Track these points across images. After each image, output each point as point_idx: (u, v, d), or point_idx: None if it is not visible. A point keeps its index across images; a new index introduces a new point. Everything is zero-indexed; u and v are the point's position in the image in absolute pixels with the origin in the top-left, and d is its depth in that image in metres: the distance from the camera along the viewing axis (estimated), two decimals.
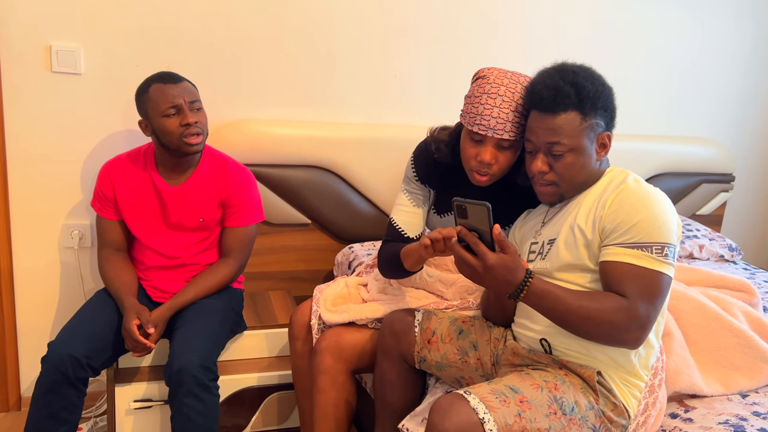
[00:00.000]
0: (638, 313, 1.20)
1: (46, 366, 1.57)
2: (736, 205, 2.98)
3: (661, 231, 1.23)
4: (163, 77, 1.72)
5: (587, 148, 1.31)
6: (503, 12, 2.36)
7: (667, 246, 1.23)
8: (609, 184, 1.33)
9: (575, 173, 1.32)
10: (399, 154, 2.28)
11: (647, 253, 1.22)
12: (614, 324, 1.20)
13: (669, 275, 1.23)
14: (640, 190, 1.27)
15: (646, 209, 1.24)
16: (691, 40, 2.65)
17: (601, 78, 1.34)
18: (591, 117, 1.29)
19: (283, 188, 2.18)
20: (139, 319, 1.65)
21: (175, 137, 1.69)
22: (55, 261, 2.07)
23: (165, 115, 1.68)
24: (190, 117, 1.69)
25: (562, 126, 1.29)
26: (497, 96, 1.38)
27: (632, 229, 1.23)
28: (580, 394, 1.26)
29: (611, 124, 1.35)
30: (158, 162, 1.79)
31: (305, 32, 2.15)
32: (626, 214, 1.25)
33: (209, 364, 1.62)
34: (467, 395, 1.20)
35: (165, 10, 1.98)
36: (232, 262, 1.84)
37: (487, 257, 1.21)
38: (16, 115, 1.92)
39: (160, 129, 1.69)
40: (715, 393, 1.45)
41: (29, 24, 1.87)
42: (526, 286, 1.23)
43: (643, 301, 1.21)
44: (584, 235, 1.30)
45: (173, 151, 1.73)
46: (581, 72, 1.31)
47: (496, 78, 1.41)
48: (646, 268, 1.22)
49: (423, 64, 2.31)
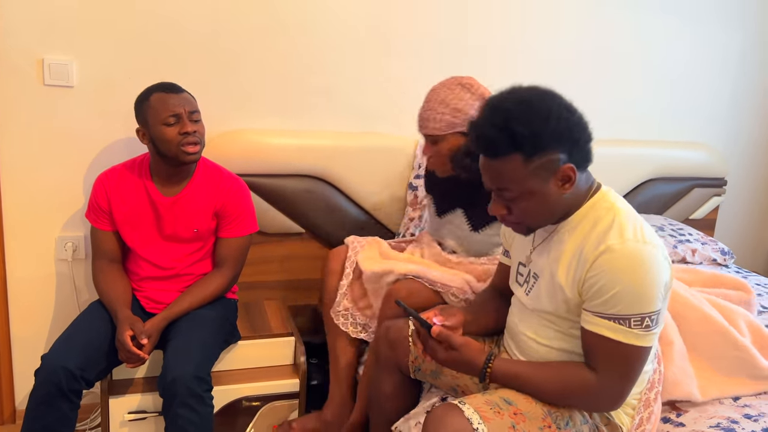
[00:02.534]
0: (606, 390, 1.19)
1: (40, 378, 1.57)
2: (729, 209, 2.99)
3: (642, 301, 1.14)
4: (164, 87, 1.73)
5: (541, 188, 1.19)
6: (496, 23, 2.37)
7: (649, 315, 1.15)
8: (593, 228, 1.21)
9: (535, 214, 1.23)
10: (392, 163, 2.29)
11: (624, 327, 1.15)
12: (583, 401, 1.23)
13: (647, 346, 1.17)
14: (623, 254, 1.14)
15: (627, 277, 1.14)
16: (681, 47, 2.67)
17: (549, 106, 1.17)
18: (539, 156, 1.16)
19: (277, 198, 2.19)
20: (132, 330, 1.64)
21: (173, 145, 1.70)
22: (49, 273, 2.07)
23: (165, 124, 1.69)
24: (189, 126, 1.70)
25: (504, 172, 1.18)
26: (426, 101, 1.72)
27: (611, 299, 1.15)
28: (575, 410, 1.26)
29: (576, 150, 1.19)
30: (153, 172, 1.80)
31: (298, 43, 2.16)
32: (606, 280, 1.15)
33: (203, 375, 1.63)
34: (462, 405, 1.20)
35: (157, 23, 1.99)
36: (225, 272, 1.84)
37: (437, 355, 1.28)
38: (9, 128, 1.93)
39: (158, 137, 1.70)
40: (709, 399, 1.45)
41: (22, 37, 1.88)
42: (487, 374, 1.26)
43: (615, 375, 1.18)
44: (563, 291, 1.24)
45: (170, 160, 1.73)
46: (515, 108, 1.16)
47: (432, 89, 1.72)
48: (621, 342, 1.15)
49: (415, 74, 2.32)
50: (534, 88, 1.21)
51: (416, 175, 2.29)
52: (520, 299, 1.38)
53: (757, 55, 2.83)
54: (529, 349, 1.33)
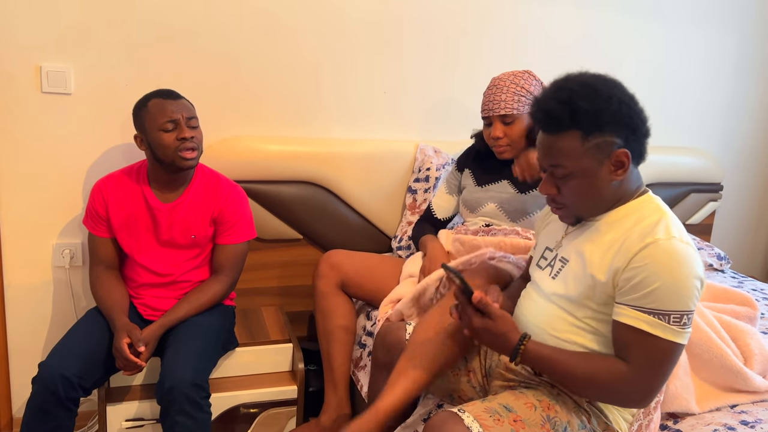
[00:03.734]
0: (638, 383, 1.17)
1: (37, 386, 1.57)
2: (725, 214, 3.00)
3: (682, 298, 1.14)
4: (162, 93, 1.74)
5: (594, 170, 1.20)
6: (492, 27, 2.38)
7: (687, 314, 1.14)
8: (638, 224, 1.20)
9: (583, 197, 1.24)
10: (389, 168, 2.30)
11: (663, 322, 1.14)
12: (611, 392, 1.20)
13: (682, 343, 1.16)
14: (669, 250, 1.14)
15: (671, 274, 1.13)
16: (676, 52, 2.69)
17: (612, 91, 1.20)
18: (597, 135, 1.18)
19: (275, 204, 2.19)
20: (129, 337, 1.64)
21: (171, 151, 1.70)
22: (46, 280, 2.07)
23: (162, 129, 1.70)
24: (186, 132, 1.71)
25: (561, 147, 1.20)
26: (493, 86, 1.84)
27: (651, 294, 1.14)
28: (573, 414, 1.26)
29: (633, 139, 1.21)
30: (151, 178, 1.80)
31: (296, 49, 2.17)
32: (648, 275, 1.14)
33: (201, 382, 1.62)
34: (461, 413, 1.19)
35: (154, 30, 2.00)
36: (223, 279, 1.84)
37: (472, 322, 1.25)
38: (6, 136, 1.93)
39: (156, 142, 1.71)
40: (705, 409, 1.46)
41: (19, 45, 1.88)
42: (519, 352, 1.23)
43: (648, 370, 1.16)
44: (594, 278, 1.22)
45: (167, 166, 1.74)
46: (579, 89, 1.20)
47: (495, 78, 1.86)
48: (659, 337, 1.14)
49: (412, 80, 2.34)
50: (599, 75, 1.24)
51: (416, 178, 2.29)
52: (540, 284, 1.36)
53: (753, 60, 2.84)
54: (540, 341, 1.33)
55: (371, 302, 1.99)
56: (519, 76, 1.84)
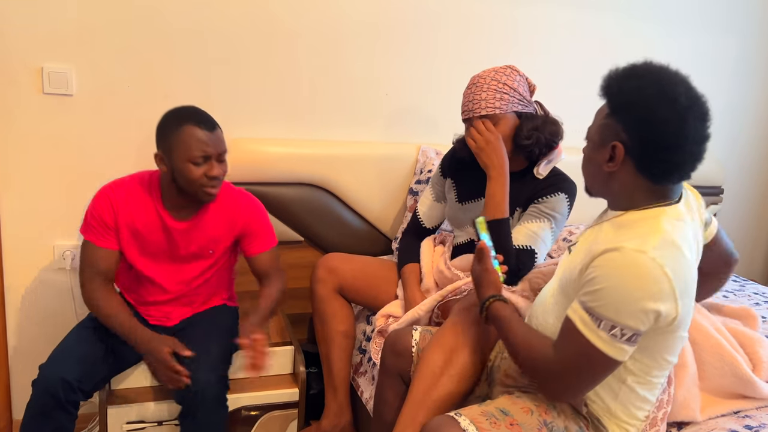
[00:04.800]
0: (556, 375, 1.18)
1: (37, 389, 1.55)
2: (726, 217, 3.00)
3: (621, 311, 1.09)
4: (199, 119, 1.59)
5: (595, 146, 1.22)
6: (493, 29, 2.38)
7: (621, 327, 1.10)
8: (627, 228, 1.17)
9: (584, 167, 1.28)
10: (390, 171, 2.29)
11: (594, 324, 1.11)
12: (536, 373, 1.23)
13: (610, 356, 1.12)
14: (626, 259, 1.10)
15: (618, 281, 1.09)
16: (677, 54, 2.69)
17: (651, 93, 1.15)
18: (613, 117, 1.18)
19: (276, 206, 2.18)
20: (171, 346, 1.59)
21: (196, 185, 1.60)
22: (47, 282, 2.06)
23: (192, 162, 1.58)
24: (216, 169, 1.60)
25: (597, 112, 1.26)
26: (473, 85, 1.73)
27: (595, 293, 1.12)
28: (571, 420, 1.26)
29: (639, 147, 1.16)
30: (165, 195, 1.69)
31: (297, 51, 2.16)
32: (599, 274, 1.12)
33: (224, 381, 1.66)
34: (458, 417, 1.20)
35: (156, 32, 1.99)
36: (277, 277, 1.82)
37: (473, 264, 1.41)
38: (8, 137, 1.92)
39: (181, 172, 1.59)
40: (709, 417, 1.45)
41: (20, 46, 1.87)
42: (485, 307, 1.34)
43: (568, 366, 1.16)
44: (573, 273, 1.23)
45: (185, 194, 1.65)
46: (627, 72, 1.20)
47: (475, 76, 1.75)
48: (585, 337, 1.12)
49: (414, 83, 2.33)
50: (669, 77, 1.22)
51: (417, 180, 2.29)
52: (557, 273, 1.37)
53: (755, 64, 2.84)
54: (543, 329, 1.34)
55: (369, 307, 1.99)
56: (500, 72, 1.71)
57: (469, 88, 1.74)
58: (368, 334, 1.93)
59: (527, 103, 1.74)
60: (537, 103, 1.80)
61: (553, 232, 1.73)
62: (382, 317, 1.86)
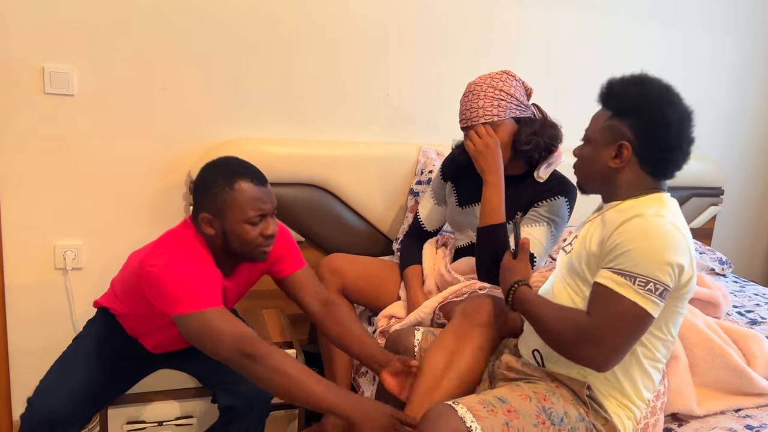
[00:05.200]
0: (594, 337, 1.20)
1: (25, 427, 1.46)
2: (726, 218, 3.01)
3: (652, 265, 1.19)
4: (252, 175, 1.44)
5: (599, 146, 1.33)
6: (495, 31, 2.39)
7: (654, 281, 1.19)
8: (632, 208, 1.28)
9: (584, 164, 1.37)
10: (392, 171, 2.30)
11: (629, 282, 1.19)
12: (569, 342, 1.24)
13: (647, 310, 1.19)
14: (649, 222, 1.22)
15: (644, 241, 1.20)
16: (677, 57, 2.69)
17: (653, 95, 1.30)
18: (617, 120, 1.31)
19: (277, 206, 2.18)
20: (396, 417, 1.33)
21: (252, 246, 1.45)
22: (46, 282, 2.06)
23: (249, 223, 1.42)
24: (272, 227, 1.46)
25: (594, 118, 1.37)
26: (470, 92, 1.73)
27: (623, 255, 1.21)
28: (571, 406, 1.27)
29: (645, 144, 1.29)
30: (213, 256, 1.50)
31: (298, 51, 2.17)
32: (624, 239, 1.22)
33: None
34: (455, 405, 1.22)
35: (157, 32, 1.99)
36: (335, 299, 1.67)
37: (504, 258, 1.48)
38: (8, 137, 1.93)
39: (236, 234, 1.43)
40: (708, 412, 1.46)
41: (22, 46, 1.88)
42: (511, 291, 1.38)
43: (607, 326, 1.20)
44: (589, 250, 1.30)
45: (237, 255, 1.49)
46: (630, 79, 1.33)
47: (471, 83, 1.75)
48: (622, 295, 1.19)
49: (415, 83, 2.34)
50: (667, 86, 1.34)
51: (418, 181, 2.29)
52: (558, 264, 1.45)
53: (755, 65, 2.85)
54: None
55: (372, 308, 1.99)
56: (497, 78, 1.72)
57: (465, 96, 1.74)
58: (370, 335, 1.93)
59: (524, 108, 1.74)
60: (535, 106, 1.81)
61: (553, 236, 1.74)
62: (384, 318, 1.86)
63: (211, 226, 1.45)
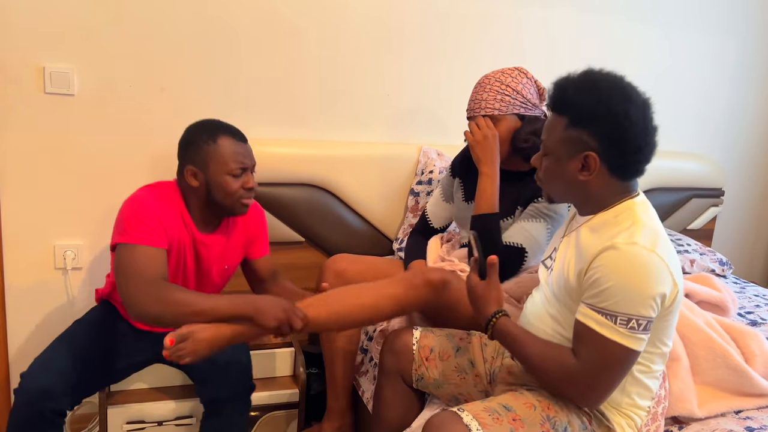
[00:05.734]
0: (583, 380, 1.19)
1: (19, 399, 1.49)
2: (726, 219, 3.01)
3: (633, 302, 1.14)
4: (233, 131, 1.60)
5: (564, 160, 1.25)
6: (495, 31, 2.39)
7: (637, 318, 1.15)
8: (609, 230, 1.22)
9: (552, 179, 1.30)
10: (392, 171, 2.30)
11: (611, 322, 1.16)
12: (560, 384, 1.24)
13: (632, 348, 1.16)
14: (623, 255, 1.16)
15: (622, 276, 1.15)
16: (677, 57, 2.69)
17: (611, 98, 1.20)
18: (577, 129, 1.22)
19: (277, 206, 2.18)
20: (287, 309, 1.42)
21: (234, 198, 1.58)
22: (46, 282, 2.06)
23: (231, 174, 1.56)
24: (252, 181, 1.61)
25: (550, 127, 1.28)
26: (479, 84, 1.76)
27: (602, 293, 1.16)
28: (574, 415, 1.26)
29: (612, 151, 1.21)
30: (192, 209, 1.62)
31: (299, 52, 2.17)
32: (602, 274, 1.17)
33: (251, 382, 1.67)
34: (461, 412, 1.21)
35: (158, 32, 1.99)
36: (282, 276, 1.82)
37: (470, 278, 1.37)
38: (9, 136, 1.92)
39: (218, 185, 1.57)
40: (709, 414, 1.46)
41: (22, 45, 1.88)
42: (491, 324, 1.32)
43: (594, 368, 1.18)
44: (568, 279, 1.26)
45: (219, 207, 1.61)
46: (581, 81, 1.24)
47: (483, 76, 1.77)
48: (606, 337, 1.16)
49: (415, 83, 2.34)
50: (619, 79, 1.26)
51: (418, 181, 2.29)
52: (542, 281, 1.40)
53: (755, 66, 2.85)
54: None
55: None
56: (507, 73, 1.74)
57: (475, 87, 1.77)
58: (370, 334, 1.93)
59: (531, 107, 1.74)
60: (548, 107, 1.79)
61: (549, 233, 1.74)
62: None
63: (196, 178, 1.58)
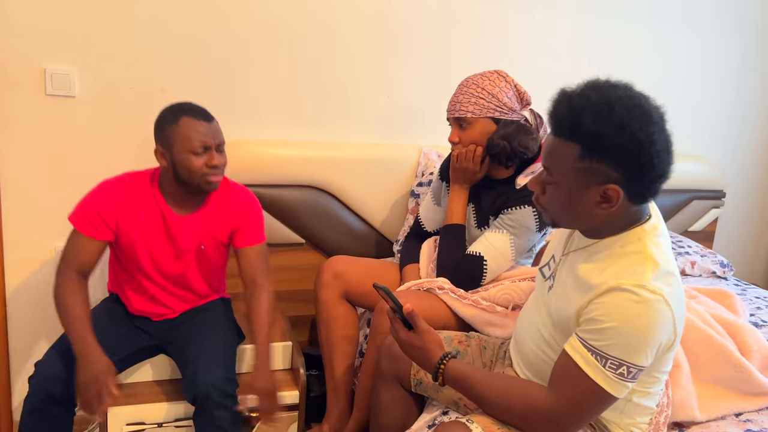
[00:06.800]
0: (550, 412, 1.13)
1: (33, 385, 1.55)
2: (727, 221, 3.00)
3: (629, 350, 1.07)
4: (195, 111, 1.64)
5: (579, 191, 1.11)
6: (496, 34, 2.39)
7: (628, 365, 1.07)
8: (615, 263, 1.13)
9: (562, 209, 1.16)
10: (393, 172, 2.30)
11: (599, 364, 1.08)
12: (525, 421, 1.17)
13: (612, 394, 1.09)
14: (633, 298, 1.06)
15: (626, 321, 1.06)
16: (678, 59, 2.69)
17: (631, 122, 1.05)
18: (593, 160, 1.07)
19: (278, 208, 2.19)
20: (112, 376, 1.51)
21: (197, 175, 1.63)
22: (47, 282, 2.06)
23: (192, 152, 1.61)
24: (216, 159, 1.64)
25: (557, 154, 1.12)
26: (458, 86, 1.76)
27: (600, 332, 1.08)
28: None
29: (635, 180, 1.08)
30: (166, 191, 1.71)
31: (299, 53, 2.17)
32: (601, 313, 1.09)
33: (232, 375, 1.65)
34: (470, 423, 1.19)
35: (159, 33, 2.00)
36: (264, 285, 1.77)
37: (399, 334, 1.28)
38: (10, 138, 1.93)
39: (182, 164, 1.62)
40: (710, 417, 1.45)
41: (23, 47, 1.88)
42: (439, 372, 1.24)
43: (567, 405, 1.12)
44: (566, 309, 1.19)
45: (188, 186, 1.67)
46: (596, 105, 1.07)
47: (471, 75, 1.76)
48: (589, 377, 1.09)
49: (416, 85, 2.34)
50: (635, 97, 1.10)
51: (419, 182, 2.29)
52: (540, 292, 1.33)
53: (755, 67, 2.85)
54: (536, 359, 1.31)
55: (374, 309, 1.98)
56: (485, 76, 1.72)
57: (457, 89, 1.77)
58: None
59: (507, 111, 1.71)
60: (532, 112, 1.78)
61: (514, 245, 1.70)
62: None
63: (164, 158, 1.66)
